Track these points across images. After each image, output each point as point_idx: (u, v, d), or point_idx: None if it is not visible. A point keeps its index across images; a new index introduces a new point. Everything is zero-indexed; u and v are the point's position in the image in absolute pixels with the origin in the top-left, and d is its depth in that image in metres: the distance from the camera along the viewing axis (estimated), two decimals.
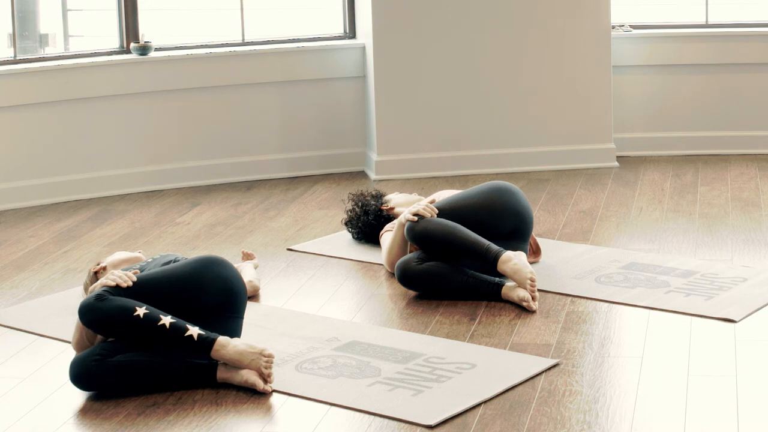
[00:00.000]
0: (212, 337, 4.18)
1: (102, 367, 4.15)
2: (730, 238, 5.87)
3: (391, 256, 5.39)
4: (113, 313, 4.16)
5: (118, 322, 4.16)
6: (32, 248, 6.10)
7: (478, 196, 5.35)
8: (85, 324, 4.21)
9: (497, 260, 5.03)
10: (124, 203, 6.98)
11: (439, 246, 5.12)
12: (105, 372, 4.15)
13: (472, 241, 5.10)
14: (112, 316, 4.16)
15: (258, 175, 7.50)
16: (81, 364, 4.16)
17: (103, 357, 4.16)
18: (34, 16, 7.41)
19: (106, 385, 4.17)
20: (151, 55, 7.23)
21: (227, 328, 4.36)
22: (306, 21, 7.76)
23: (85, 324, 4.20)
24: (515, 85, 7.45)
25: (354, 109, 7.62)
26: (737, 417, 3.83)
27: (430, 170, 7.44)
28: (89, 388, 4.18)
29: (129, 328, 4.16)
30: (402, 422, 3.89)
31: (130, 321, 4.15)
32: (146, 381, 4.18)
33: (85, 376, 4.16)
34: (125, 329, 4.17)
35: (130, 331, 4.17)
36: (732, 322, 4.70)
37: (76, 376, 4.16)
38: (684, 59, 7.73)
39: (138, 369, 4.16)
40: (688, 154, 7.75)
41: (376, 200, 5.86)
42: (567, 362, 4.35)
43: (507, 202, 5.32)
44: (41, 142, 7.01)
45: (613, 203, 6.61)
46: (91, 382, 4.16)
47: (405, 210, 5.39)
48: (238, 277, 4.44)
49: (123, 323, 4.16)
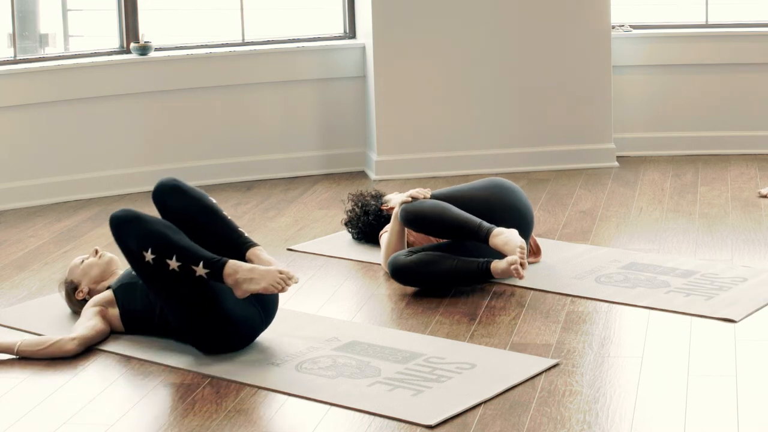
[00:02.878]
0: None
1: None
2: (730, 238, 5.87)
3: (389, 250, 5.37)
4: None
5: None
6: (32, 248, 6.10)
7: (477, 190, 5.35)
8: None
9: (489, 235, 5.02)
10: (124, 203, 6.98)
11: (431, 225, 5.10)
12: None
13: (464, 219, 5.08)
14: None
15: (258, 175, 7.50)
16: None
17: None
18: (34, 16, 7.41)
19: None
20: (151, 55, 7.23)
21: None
22: (306, 21, 7.76)
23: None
24: (515, 85, 7.45)
25: (354, 109, 7.62)
26: (737, 417, 3.83)
27: (430, 170, 7.44)
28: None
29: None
30: (402, 422, 3.89)
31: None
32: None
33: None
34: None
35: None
36: (732, 322, 4.70)
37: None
38: (684, 59, 7.73)
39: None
40: (688, 154, 7.75)
41: (376, 200, 5.87)
42: (567, 362, 4.35)
43: (506, 198, 5.31)
44: (41, 142, 7.01)
45: (613, 203, 6.61)
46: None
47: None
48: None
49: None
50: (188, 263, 4.25)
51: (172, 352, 4.54)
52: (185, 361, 4.45)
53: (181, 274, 4.27)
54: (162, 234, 4.26)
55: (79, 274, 4.93)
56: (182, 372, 4.38)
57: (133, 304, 4.67)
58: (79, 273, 4.93)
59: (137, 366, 4.46)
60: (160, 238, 4.25)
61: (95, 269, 4.91)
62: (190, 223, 4.44)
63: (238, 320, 4.41)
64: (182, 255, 4.25)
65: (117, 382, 4.33)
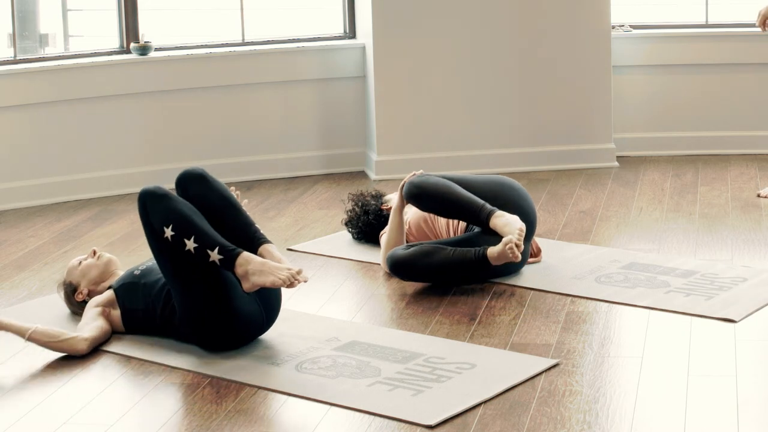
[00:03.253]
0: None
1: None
2: (730, 238, 5.87)
3: (389, 248, 5.37)
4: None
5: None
6: (32, 248, 6.10)
7: (486, 183, 5.33)
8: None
9: (491, 215, 5.02)
10: (124, 203, 6.98)
11: (434, 199, 5.10)
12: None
13: (468, 198, 5.08)
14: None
15: (258, 175, 7.50)
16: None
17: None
18: (34, 16, 7.41)
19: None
20: (151, 55, 7.23)
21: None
22: (306, 21, 7.76)
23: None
24: (515, 84, 7.45)
25: (354, 109, 7.62)
26: (737, 417, 3.83)
27: (430, 170, 7.44)
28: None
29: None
30: (402, 422, 3.89)
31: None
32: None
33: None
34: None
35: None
36: (732, 322, 4.70)
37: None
38: (684, 59, 7.73)
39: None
40: (688, 154, 7.75)
41: (376, 200, 5.87)
42: (567, 362, 4.35)
43: (513, 198, 5.30)
44: (41, 142, 7.01)
45: (613, 203, 6.61)
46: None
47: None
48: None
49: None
50: (204, 246, 4.34)
51: (172, 352, 4.54)
52: (185, 361, 4.45)
53: (196, 256, 4.35)
54: (186, 214, 4.38)
55: (78, 275, 4.93)
56: (182, 372, 4.38)
57: (134, 304, 4.67)
58: (77, 274, 4.93)
59: (137, 366, 4.46)
60: (183, 218, 4.37)
61: (94, 270, 4.92)
62: (208, 211, 4.53)
63: (240, 314, 4.44)
64: (200, 237, 4.34)
65: (117, 382, 4.33)
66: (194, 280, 4.42)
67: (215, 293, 4.40)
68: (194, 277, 4.42)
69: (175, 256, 4.39)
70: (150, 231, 4.45)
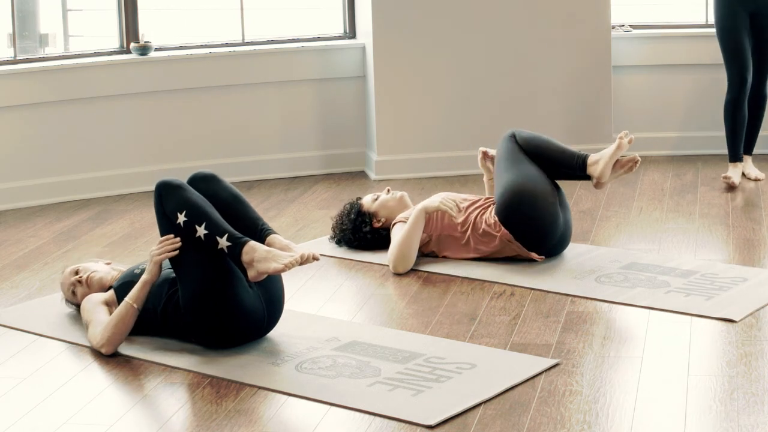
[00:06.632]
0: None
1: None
2: (730, 238, 5.87)
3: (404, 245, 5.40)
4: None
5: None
6: (32, 248, 6.10)
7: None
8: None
9: (586, 160, 5.55)
10: (124, 203, 6.98)
11: (542, 141, 5.64)
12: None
13: (565, 147, 5.66)
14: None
15: (258, 175, 7.51)
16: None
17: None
18: (34, 16, 7.41)
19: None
20: (151, 55, 7.23)
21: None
22: (306, 21, 7.76)
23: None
24: (515, 85, 7.45)
25: (354, 109, 7.62)
26: (737, 417, 3.83)
27: (430, 170, 7.44)
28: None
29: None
30: (402, 422, 3.89)
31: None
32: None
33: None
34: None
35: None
36: (732, 322, 4.70)
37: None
38: (684, 59, 7.73)
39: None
40: (688, 154, 7.75)
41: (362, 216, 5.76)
42: (567, 362, 4.35)
43: (564, 210, 5.66)
44: (41, 142, 7.01)
45: (613, 203, 6.61)
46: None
47: (413, 208, 5.48)
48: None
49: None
50: (214, 233, 4.48)
51: (172, 352, 4.54)
52: (185, 361, 4.45)
53: (206, 242, 4.48)
54: (199, 203, 4.57)
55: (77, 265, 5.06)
56: (182, 372, 4.38)
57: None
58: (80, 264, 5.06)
59: (137, 366, 4.46)
60: (196, 206, 4.55)
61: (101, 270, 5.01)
62: (219, 206, 4.69)
63: (242, 306, 4.47)
64: (210, 224, 4.50)
65: (117, 381, 4.33)
66: (201, 268, 4.50)
67: (221, 281, 4.47)
68: (201, 264, 4.50)
69: (185, 243, 4.52)
70: (162, 218, 4.61)
